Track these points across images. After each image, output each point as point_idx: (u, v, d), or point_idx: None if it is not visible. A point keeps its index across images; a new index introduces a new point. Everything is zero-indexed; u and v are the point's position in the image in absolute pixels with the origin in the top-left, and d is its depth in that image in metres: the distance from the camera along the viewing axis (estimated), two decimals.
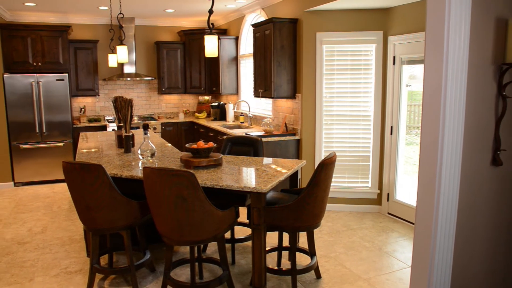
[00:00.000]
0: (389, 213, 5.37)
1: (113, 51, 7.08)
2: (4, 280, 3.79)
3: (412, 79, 5.09)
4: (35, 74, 7.07)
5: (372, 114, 5.35)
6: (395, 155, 5.21)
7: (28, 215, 5.65)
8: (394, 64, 5.11)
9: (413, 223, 4.98)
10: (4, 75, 6.90)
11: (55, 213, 5.71)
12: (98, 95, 8.00)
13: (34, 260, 4.21)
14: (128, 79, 8.08)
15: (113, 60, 6.62)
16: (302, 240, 4.47)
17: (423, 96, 2.47)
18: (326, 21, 5.29)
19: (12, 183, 7.18)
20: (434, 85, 2.37)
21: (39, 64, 7.22)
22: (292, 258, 3.43)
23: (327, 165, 3.25)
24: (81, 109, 8.01)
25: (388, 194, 5.35)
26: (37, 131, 7.19)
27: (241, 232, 4.85)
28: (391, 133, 5.23)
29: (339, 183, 5.53)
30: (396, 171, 5.24)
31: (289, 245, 3.51)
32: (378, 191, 5.45)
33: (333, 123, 5.47)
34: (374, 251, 4.29)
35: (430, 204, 2.44)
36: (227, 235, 4.43)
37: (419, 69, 5.01)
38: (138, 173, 3.53)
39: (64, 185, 7.24)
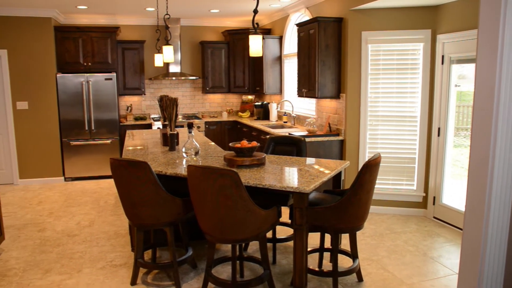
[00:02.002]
0: (434, 217, 5.20)
1: (159, 51, 7.23)
2: (55, 270, 3.95)
3: (461, 78, 4.91)
4: (85, 74, 7.33)
5: (418, 115, 5.20)
6: (442, 157, 5.05)
7: (77, 209, 5.87)
8: (442, 63, 4.95)
9: (460, 229, 4.81)
10: (57, 75, 7.20)
11: (102, 207, 5.90)
12: (144, 94, 8.20)
13: (82, 252, 4.37)
14: (173, 78, 8.24)
15: (159, 60, 6.76)
16: (344, 242, 4.41)
17: (474, 96, 2.37)
18: (372, 19, 5.20)
19: (63, 178, 7.49)
20: (487, 85, 2.27)
21: (89, 64, 7.49)
22: (334, 260, 3.39)
23: (372, 166, 3.19)
24: (127, 107, 8.24)
25: (434, 197, 5.19)
26: (86, 128, 7.46)
27: (283, 232, 4.84)
28: (439, 135, 5.07)
29: (383, 185, 5.41)
30: (443, 174, 5.07)
31: (331, 247, 3.47)
32: (424, 194, 5.30)
33: (378, 123, 5.36)
34: (418, 256, 4.18)
35: (480, 209, 2.35)
36: (269, 234, 4.43)
37: (469, 68, 4.84)
38: (182, 171, 3.59)
39: (111, 181, 7.47)
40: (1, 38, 6.94)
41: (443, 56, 4.95)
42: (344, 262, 4.03)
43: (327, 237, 4.30)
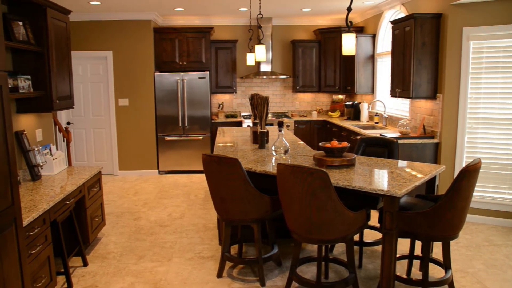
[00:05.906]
0: None
1: (251, 50, 7.36)
2: (148, 257, 4.19)
3: None
4: (180, 73, 7.69)
5: None
6: None
7: (169, 201, 6.17)
8: None
9: None
10: (155, 74, 7.63)
11: (192, 201, 6.15)
12: (235, 92, 8.40)
13: (173, 242, 4.58)
14: (264, 77, 8.35)
15: (251, 59, 6.89)
16: (436, 250, 4.18)
17: None
18: (475, 14, 4.86)
19: (157, 171, 7.92)
20: None
21: (184, 63, 7.84)
22: (424, 269, 3.23)
23: (471, 172, 2.98)
24: (219, 105, 8.50)
25: None
26: (180, 124, 7.81)
27: (370, 235, 4.70)
28: None
29: (481, 192, 5.05)
30: None
31: (421, 254, 3.31)
32: None
33: (478, 126, 5.01)
34: None
35: None
36: (356, 237, 4.33)
37: None
38: (271, 169, 3.62)
39: (201, 175, 7.76)
40: (107, 40, 7.51)
41: None
42: (435, 272, 3.82)
43: (418, 244, 4.12)
